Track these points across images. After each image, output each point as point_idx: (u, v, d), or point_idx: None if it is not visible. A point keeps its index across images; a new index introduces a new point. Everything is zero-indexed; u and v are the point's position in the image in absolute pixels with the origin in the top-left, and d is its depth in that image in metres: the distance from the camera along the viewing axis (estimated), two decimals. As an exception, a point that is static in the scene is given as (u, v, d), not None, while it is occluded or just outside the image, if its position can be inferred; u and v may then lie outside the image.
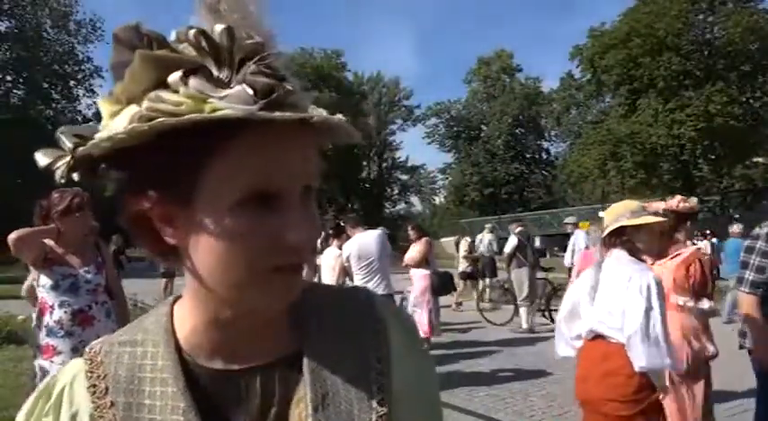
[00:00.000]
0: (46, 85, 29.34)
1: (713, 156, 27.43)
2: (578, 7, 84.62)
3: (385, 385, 0.61)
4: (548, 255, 24.80)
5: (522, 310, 8.91)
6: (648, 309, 2.35)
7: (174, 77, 0.48)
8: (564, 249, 11.73)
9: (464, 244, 13.04)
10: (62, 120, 30.13)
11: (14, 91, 29.38)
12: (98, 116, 0.53)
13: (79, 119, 30.47)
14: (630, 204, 2.67)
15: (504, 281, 10.26)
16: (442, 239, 29.68)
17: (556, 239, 36.65)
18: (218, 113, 0.46)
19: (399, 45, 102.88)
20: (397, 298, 6.86)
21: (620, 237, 2.56)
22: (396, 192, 50.56)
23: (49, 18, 29.51)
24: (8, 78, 28.84)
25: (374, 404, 0.59)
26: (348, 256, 5.29)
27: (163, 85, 0.48)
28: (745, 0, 26.53)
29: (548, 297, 9.51)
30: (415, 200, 53.14)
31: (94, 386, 0.58)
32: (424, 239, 7.15)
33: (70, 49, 30.19)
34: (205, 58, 0.49)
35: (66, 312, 2.97)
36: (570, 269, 9.84)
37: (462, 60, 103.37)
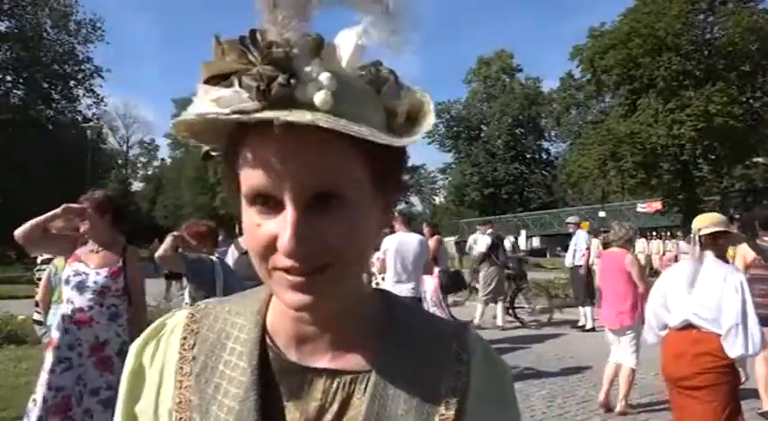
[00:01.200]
0: (46, 85, 29.23)
1: (713, 156, 27.37)
2: (578, 7, 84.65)
3: None
4: (548, 255, 24.81)
5: (480, 306, 9.30)
6: (744, 305, 2.78)
7: (200, 85, 0.51)
8: (565, 249, 11.73)
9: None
10: (62, 121, 30.13)
11: (14, 91, 29.31)
12: (98, 116, 0.55)
13: (79, 119, 30.44)
14: (719, 216, 3.22)
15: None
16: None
17: (556, 239, 36.70)
18: (190, 116, 0.50)
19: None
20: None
21: (716, 242, 3.01)
22: (395, 192, 50.53)
23: (49, 18, 29.42)
24: (8, 78, 28.79)
25: None
26: (386, 250, 5.38)
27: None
28: (746, 0, 26.52)
29: (512, 296, 9.83)
30: (415, 200, 53.19)
31: (185, 339, 0.62)
32: (435, 237, 7.23)
33: (70, 49, 30.07)
34: (244, 64, 0.50)
35: (67, 309, 3.08)
36: (571, 269, 9.86)
37: (462, 60, 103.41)
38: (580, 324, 9.27)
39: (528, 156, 48.66)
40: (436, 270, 6.78)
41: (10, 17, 28.13)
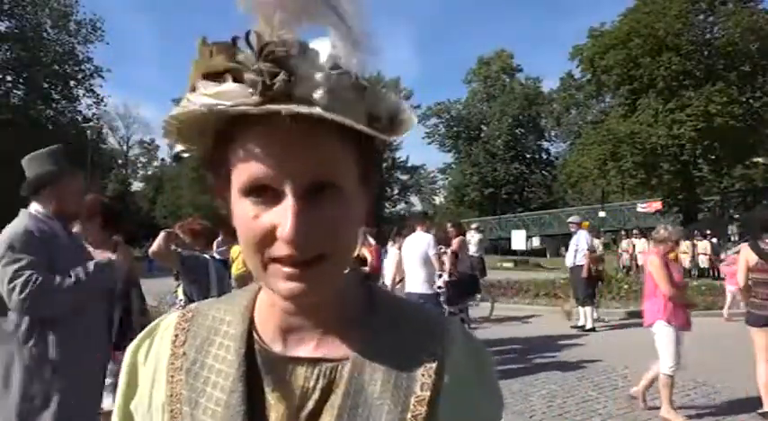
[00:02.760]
0: (46, 85, 29.25)
1: (713, 157, 27.38)
2: (578, 7, 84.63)
3: (423, 415, 0.59)
4: (548, 255, 24.78)
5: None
6: None
7: (197, 81, 0.54)
8: (566, 249, 11.74)
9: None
10: (62, 121, 30.11)
11: (14, 91, 29.33)
12: (98, 116, 0.57)
13: (79, 119, 30.46)
14: None
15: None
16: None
17: (556, 239, 36.69)
18: (194, 107, 0.53)
19: (400, 45, 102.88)
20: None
21: None
22: (396, 192, 50.56)
23: (49, 18, 29.45)
24: (8, 78, 28.81)
25: None
26: (402, 254, 6.02)
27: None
28: (746, 0, 26.53)
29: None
30: (415, 200, 53.21)
31: (176, 336, 0.66)
32: (458, 239, 7.24)
33: (70, 49, 30.10)
34: (235, 63, 0.53)
35: None
36: (572, 269, 9.85)
37: (462, 60, 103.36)
38: (580, 324, 9.27)
39: (528, 156, 48.66)
40: (439, 280, 6.71)
41: (10, 17, 28.15)
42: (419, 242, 6.09)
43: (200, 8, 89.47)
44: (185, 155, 0.61)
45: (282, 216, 0.53)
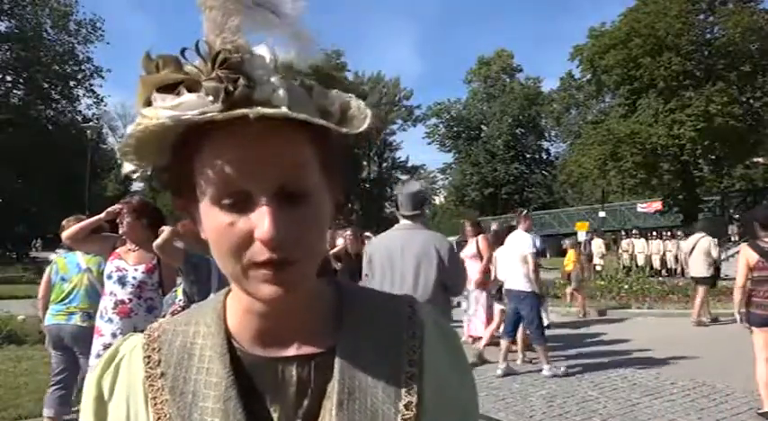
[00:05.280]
0: (46, 85, 29.24)
1: (713, 157, 27.37)
2: (578, 7, 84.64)
3: (415, 389, 0.62)
4: (548, 255, 24.75)
5: None
6: None
7: (152, 95, 0.54)
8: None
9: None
10: (62, 121, 30.11)
11: (14, 91, 29.33)
12: (98, 116, 0.57)
13: (79, 119, 30.43)
14: None
15: None
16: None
17: (556, 239, 36.70)
18: (157, 121, 0.52)
19: (400, 45, 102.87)
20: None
21: None
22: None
23: (49, 18, 29.42)
24: (8, 78, 28.80)
25: (400, 406, 0.60)
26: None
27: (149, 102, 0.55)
28: (746, 0, 26.51)
29: None
30: (415, 200, 53.03)
31: (149, 357, 0.64)
32: (480, 237, 7.31)
33: (70, 49, 30.05)
34: (184, 74, 0.54)
35: (111, 300, 3.39)
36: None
37: (462, 60, 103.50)
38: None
39: (528, 156, 48.66)
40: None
41: (10, 17, 28.15)
42: (519, 241, 6.31)
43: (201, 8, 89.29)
44: (135, 175, 0.60)
45: (259, 219, 0.53)
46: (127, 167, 0.59)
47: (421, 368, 0.63)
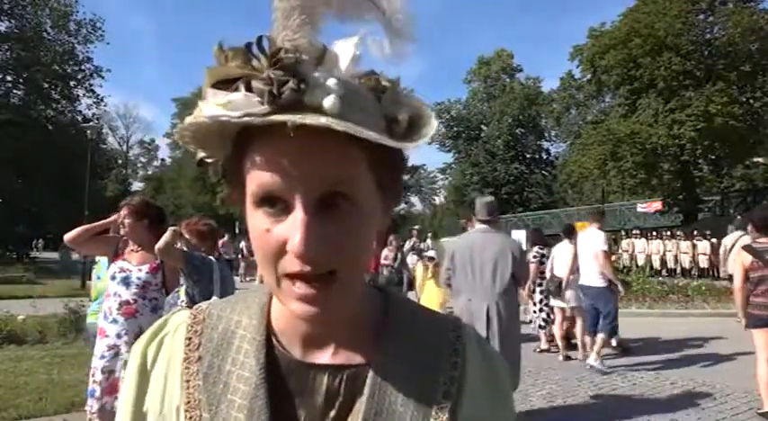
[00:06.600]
0: (46, 85, 29.21)
1: (713, 157, 27.34)
2: (578, 7, 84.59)
3: (447, 414, 0.60)
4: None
5: None
6: None
7: (207, 89, 0.52)
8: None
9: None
10: (62, 121, 30.09)
11: (14, 91, 29.29)
12: (98, 116, 0.56)
13: (79, 119, 30.40)
14: None
15: None
16: (442, 239, 29.63)
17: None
18: (197, 119, 0.51)
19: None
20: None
21: None
22: (396, 192, 50.50)
23: (49, 18, 29.40)
24: (8, 78, 28.78)
25: None
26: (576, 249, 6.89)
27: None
28: (745, 0, 26.50)
29: None
30: (415, 200, 53.20)
31: (190, 339, 0.63)
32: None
33: (70, 49, 30.04)
34: (250, 70, 0.51)
35: (115, 301, 3.38)
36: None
37: (462, 60, 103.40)
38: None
39: (528, 156, 48.61)
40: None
41: (10, 17, 28.13)
42: (593, 238, 6.59)
43: (201, 8, 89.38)
44: (209, 161, 0.59)
45: (293, 229, 0.51)
46: (199, 154, 0.58)
47: (458, 396, 0.61)
